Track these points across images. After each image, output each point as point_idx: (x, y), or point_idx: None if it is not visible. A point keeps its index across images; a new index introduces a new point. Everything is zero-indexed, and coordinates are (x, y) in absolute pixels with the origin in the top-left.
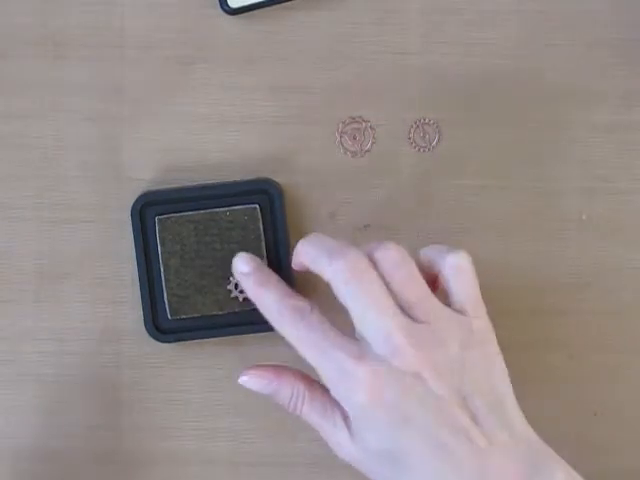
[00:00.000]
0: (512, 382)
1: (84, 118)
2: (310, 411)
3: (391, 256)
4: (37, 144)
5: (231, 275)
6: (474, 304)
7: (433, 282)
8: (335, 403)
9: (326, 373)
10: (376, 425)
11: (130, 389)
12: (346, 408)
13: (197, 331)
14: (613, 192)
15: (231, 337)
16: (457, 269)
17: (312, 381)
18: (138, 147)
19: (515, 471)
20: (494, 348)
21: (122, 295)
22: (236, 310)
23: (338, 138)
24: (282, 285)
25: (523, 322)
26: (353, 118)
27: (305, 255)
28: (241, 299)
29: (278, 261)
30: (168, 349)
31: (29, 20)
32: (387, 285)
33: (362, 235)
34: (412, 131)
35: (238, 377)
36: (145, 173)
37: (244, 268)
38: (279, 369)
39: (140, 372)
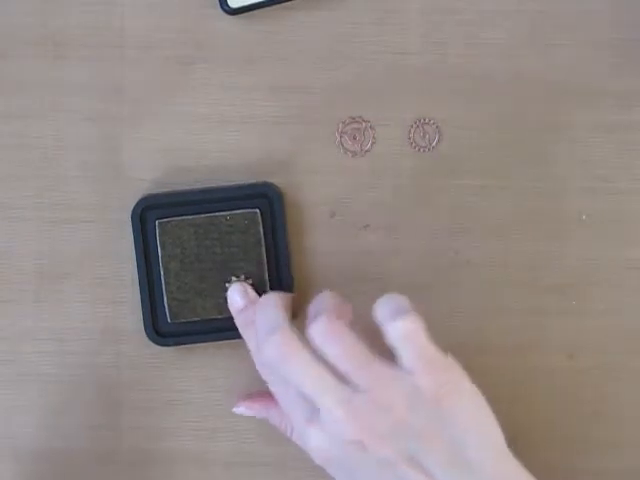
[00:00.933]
0: (512, 382)
1: (84, 118)
2: (297, 440)
3: (323, 329)
4: (37, 144)
5: (230, 279)
6: (423, 364)
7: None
8: None
9: (293, 422)
10: (334, 475)
11: (130, 389)
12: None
13: (197, 335)
14: (613, 192)
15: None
16: (403, 336)
17: None
18: (138, 147)
19: None
20: (452, 401)
21: (122, 295)
22: None
23: (338, 138)
24: (260, 330)
25: (523, 322)
26: (353, 118)
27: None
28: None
29: (277, 265)
30: (168, 349)
31: (29, 20)
32: (324, 357)
33: (362, 235)
34: (412, 131)
35: (233, 408)
36: (145, 173)
37: (238, 304)
38: (267, 401)
39: (140, 372)
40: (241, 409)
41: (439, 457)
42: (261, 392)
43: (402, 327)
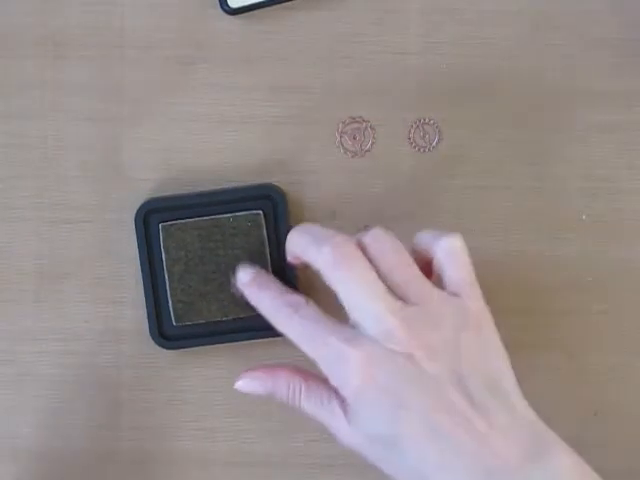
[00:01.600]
0: None
1: (84, 118)
2: (308, 403)
3: (380, 240)
4: (37, 144)
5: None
6: (468, 286)
7: (428, 267)
8: (332, 392)
9: (322, 361)
10: (372, 409)
11: (130, 389)
12: (343, 394)
13: (202, 338)
14: (613, 192)
15: None
16: (450, 252)
17: (307, 374)
18: (138, 147)
19: (517, 454)
20: (490, 330)
21: (122, 295)
22: (241, 316)
23: (338, 138)
24: (278, 285)
25: (523, 322)
26: (353, 118)
27: (295, 246)
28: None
29: (282, 266)
30: (168, 350)
31: (29, 20)
32: (377, 269)
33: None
34: (412, 131)
35: (234, 386)
36: (145, 173)
37: (245, 277)
38: (272, 367)
39: (140, 372)
40: (245, 382)
41: (482, 383)
42: (262, 365)
43: (450, 243)
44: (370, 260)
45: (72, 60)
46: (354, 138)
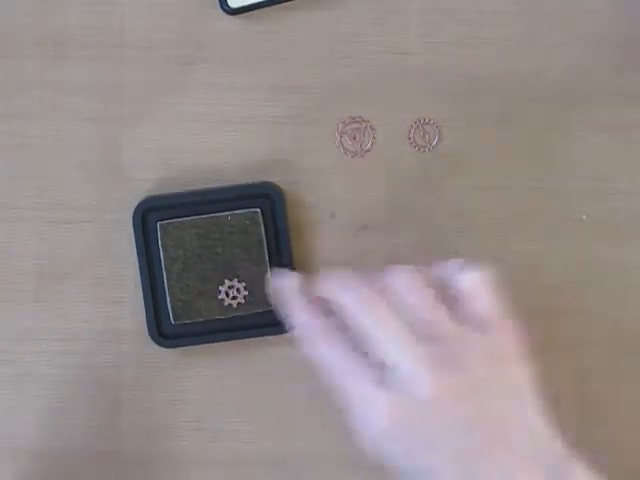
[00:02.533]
0: None
1: (84, 118)
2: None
3: (403, 282)
4: (37, 144)
5: (227, 280)
6: (496, 319)
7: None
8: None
9: (349, 396)
10: (399, 448)
11: (130, 389)
12: (370, 432)
13: (200, 336)
14: (613, 192)
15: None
16: (479, 285)
17: None
18: (138, 147)
19: None
20: (517, 362)
21: (122, 295)
22: (239, 314)
23: (338, 138)
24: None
25: (523, 322)
26: (353, 118)
27: (321, 292)
28: (235, 305)
29: (280, 265)
30: (168, 349)
31: (29, 20)
32: (401, 311)
33: (362, 235)
34: (412, 131)
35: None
36: (145, 173)
37: (290, 282)
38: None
39: (140, 372)
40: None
41: (505, 418)
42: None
43: (477, 275)
44: (393, 303)
45: (72, 60)
46: (354, 138)
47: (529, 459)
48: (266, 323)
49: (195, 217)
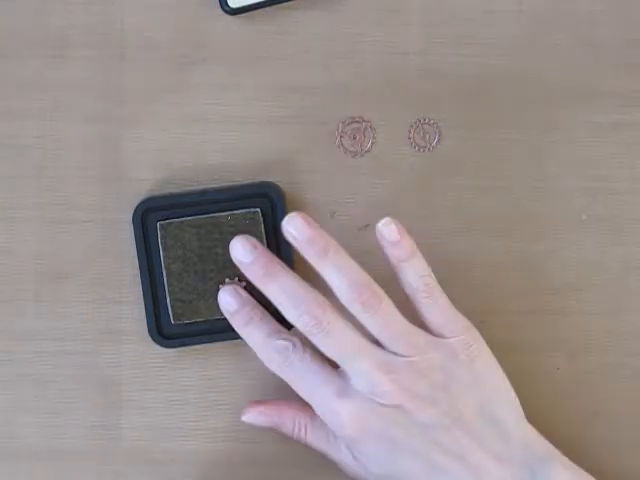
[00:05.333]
0: (512, 382)
1: (84, 118)
2: (313, 439)
3: (362, 300)
4: (37, 144)
5: (227, 280)
6: (449, 324)
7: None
8: None
9: (316, 407)
10: (370, 454)
11: (130, 389)
12: (341, 440)
13: (200, 336)
14: (613, 192)
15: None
16: (421, 292)
17: (313, 410)
18: (138, 147)
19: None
20: (482, 360)
21: (122, 295)
22: None
23: (338, 138)
24: (265, 322)
25: (523, 322)
26: (353, 118)
27: (273, 298)
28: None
29: None
30: (168, 349)
31: (29, 20)
32: (363, 324)
33: (362, 235)
34: (412, 131)
35: (242, 417)
36: (145, 173)
37: (231, 307)
38: (279, 405)
39: (140, 372)
40: (251, 415)
41: (474, 414)
42: (269, 400)
43: (416, 280)
44: (355, 315)
45: (72, 60)
46: (354, 138)
47: (499, 455)
48: None
49: (195, 217)
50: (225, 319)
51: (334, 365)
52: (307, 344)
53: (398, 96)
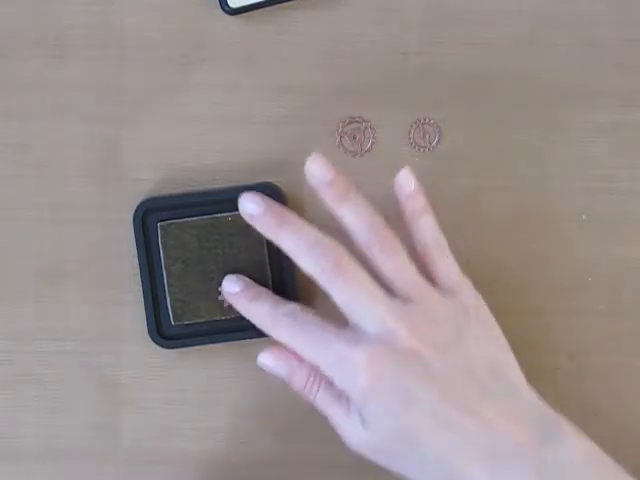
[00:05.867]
0: None
1: (84, 118)
2: (324, 397)
3: (380, 243)
4: (37, 144)
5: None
6: (461, 282)
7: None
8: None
9: (327, 365)
10: (381, 408)
11: (130, 389)
12: (351, 396)
13: (200, 337)
14: (613, 192)
15: None
16: (436, 248)
17: None
18: (138, 147)
19: (525, 438)
20: (490, 321)
21: (122, 295)
22: (239, 315)
23: (338, 138)
24: (271, 295)
25: (523, 322)
26: (353, 118)
27: (287, 246)
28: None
29: (280, 266)
30: (168, 349)
31: (29, 20)
32: (375, 270)
33: None
34: (412, 131)
35: (258, 357)
36: (145, 173)
37: (234, 288)
38: (298, 355)
39: (140, 372)
40: (267, 357)
41: (485, 371)
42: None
43: (433, 236)
44: (367, 261)
45: (72, 60)
46: (354, 138)
47: (512, 412)
48: None
49: (195, 218)
50: (225, 320)
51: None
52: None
53: (398, 96)
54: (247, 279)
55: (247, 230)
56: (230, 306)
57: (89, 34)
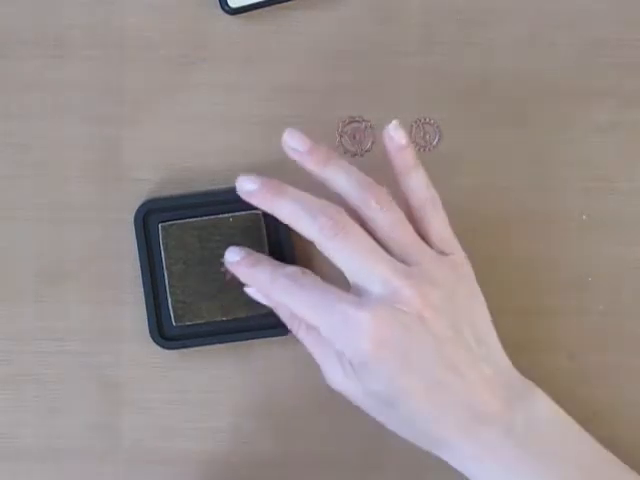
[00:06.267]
0: None
1: (84, 118)
2: (312, 337)
3: (376, 197)
4: (37, 144)
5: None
6: (452, 240)
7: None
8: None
9: (328, 327)
10: (379, 371)
11: (130, 389)
12: (351, 357)
13: (201, 337)
14: (613, 192)
15: None
16: (430, 206)
17: None
18: (138, 147)
19: (501, 402)
20: (473, 280)
21: (122, 295)
22: (241, 316)
23: (338, 138)
24: (271, 261)
25: (523, 322)
26: (353, 118)
27: (286, 213)
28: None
29: None
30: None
31: (29, 20)
32: (373, 232)
33: None
34: (412, 131)
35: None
36: (145, 173)
37: (235, 257)
38: None
39: (140, 372)
40: (251, 290)
41: (470, 333)
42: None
43: (427, 193)
44: (365, 223)
45: (72, 60)
46: (354, 138)
47: (490, 379)
48: (267, 325)
49: (197, 219)
50: (226, 321)
51: None
52: None
53: (398, 96)
54: (248, 249)
55: (248, 231)
56: (231, 307)
57: (89, 34)
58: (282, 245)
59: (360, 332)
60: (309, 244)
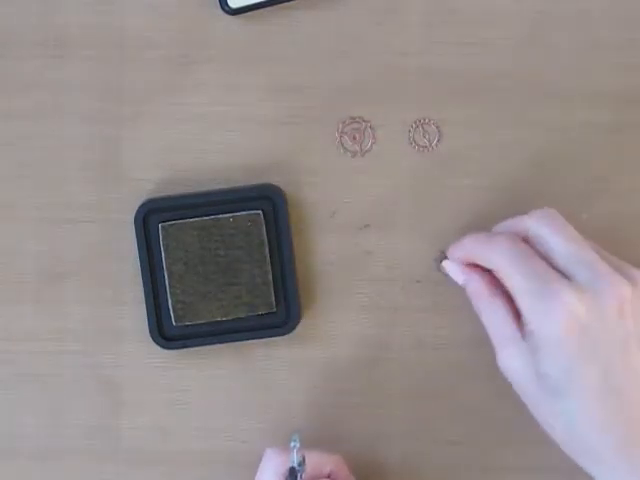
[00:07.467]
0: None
1: (84, 118)
2: (497, 313)
3: (551, 231)
4: (37, 144)
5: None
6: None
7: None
8: (517, 315)
9: (528, 293)
10: (560, 352)
11: (130, 389)
12: (536, 327)
13: (201, 337)
14: (613, 192)
15: None
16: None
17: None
18: (138, 147)
19: None
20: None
21: (122, 295)
22: (241, 316)
23: (338, 138)
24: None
25: None
26: (353, 118)
27: (467, 252)
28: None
29: (281, 266)
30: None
31: (29, 20)
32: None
33: (362, 235)
34: (412, 131)
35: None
36: (145, 173)
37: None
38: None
39: (140, 372)
40: (448, 264)
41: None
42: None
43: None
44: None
45: (72, 60)
46: (354, 138)
47: None
48: (267, 325)
49: (197, 219)
50: (226, 321)
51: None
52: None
53: (398, 96)
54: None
55: (248, 231)
56: (231, 307)
57: (89, 34)
58: (281, 245)
59: (559, 307)
60: (309, 244)
